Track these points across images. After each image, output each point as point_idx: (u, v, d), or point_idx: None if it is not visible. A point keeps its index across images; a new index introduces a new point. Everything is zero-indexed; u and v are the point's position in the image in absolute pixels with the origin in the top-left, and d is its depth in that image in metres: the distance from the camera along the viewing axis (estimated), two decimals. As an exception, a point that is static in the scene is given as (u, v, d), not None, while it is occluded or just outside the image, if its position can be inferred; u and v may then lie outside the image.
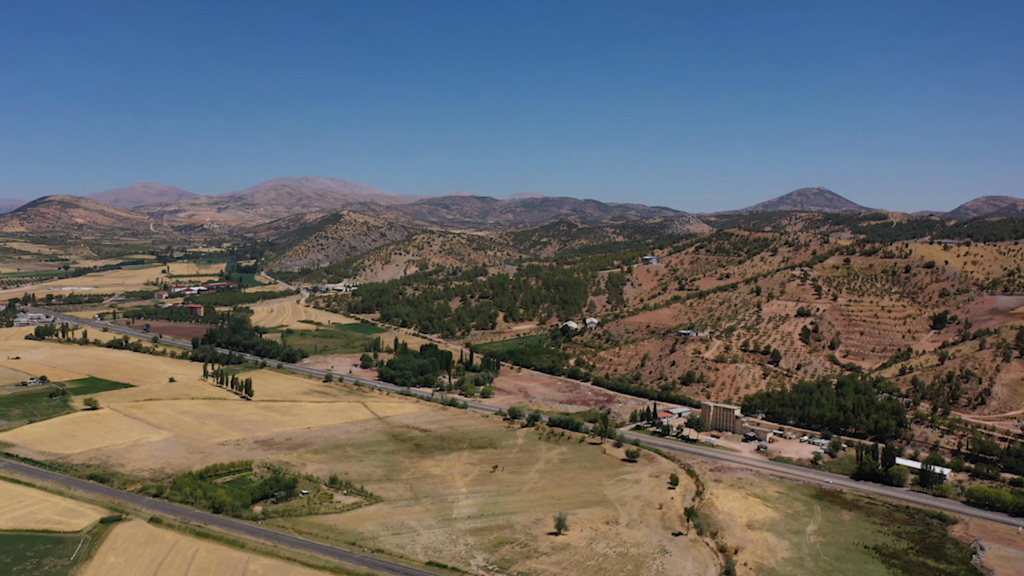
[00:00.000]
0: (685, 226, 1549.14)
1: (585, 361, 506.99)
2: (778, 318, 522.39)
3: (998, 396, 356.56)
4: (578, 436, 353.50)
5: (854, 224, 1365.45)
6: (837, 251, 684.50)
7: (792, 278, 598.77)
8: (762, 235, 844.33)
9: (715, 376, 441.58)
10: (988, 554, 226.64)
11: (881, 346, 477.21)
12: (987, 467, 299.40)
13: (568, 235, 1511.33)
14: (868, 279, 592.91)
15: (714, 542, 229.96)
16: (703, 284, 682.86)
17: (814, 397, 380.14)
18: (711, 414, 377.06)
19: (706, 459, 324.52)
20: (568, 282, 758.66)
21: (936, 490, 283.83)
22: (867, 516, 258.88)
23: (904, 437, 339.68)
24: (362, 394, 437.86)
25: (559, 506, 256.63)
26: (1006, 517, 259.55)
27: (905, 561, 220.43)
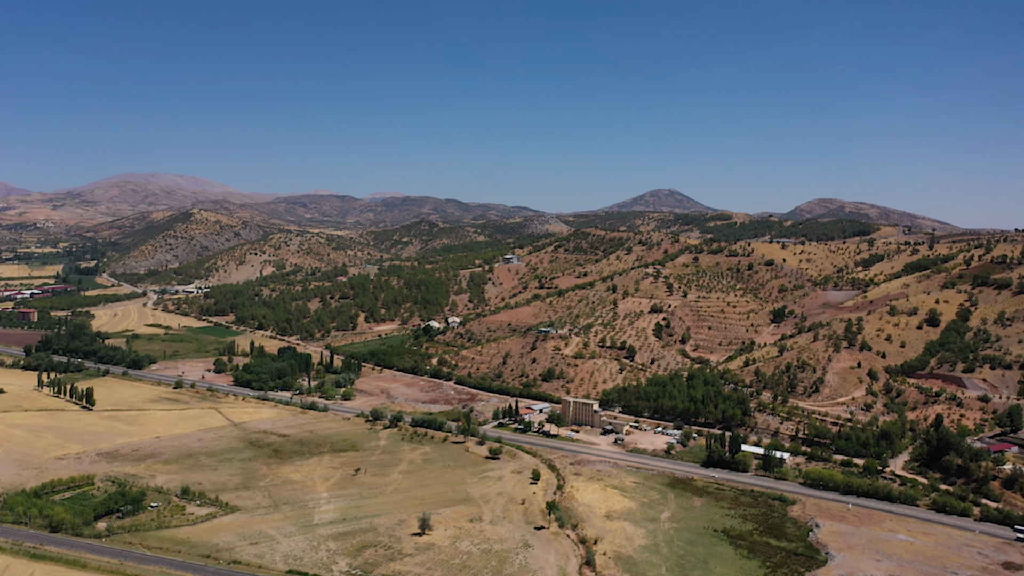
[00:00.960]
0: (544, 226, 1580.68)
1: (448, 360, 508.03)
2: (633, 314, 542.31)
3: (830, 384, 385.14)
4: (441, 435, 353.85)
5: (702, 224, 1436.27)
6: (687, 250, 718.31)
7: (646, 276, 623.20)
8: (617, 235, 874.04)
9: (574, 372, 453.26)
10: (823, 530, 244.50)
11: (727, 339, 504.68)
12: (821, 450, 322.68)
13: (430, 235, 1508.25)
14: (715, 276, 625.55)
15: (575, 534, 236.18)
16: (562, 282, 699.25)
17: (667, 390, 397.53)
18: (571, 409, 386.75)
19: (567, 453, 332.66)
20: (430, 282, 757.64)
21: (777, 473, 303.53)
22: (716, 501, 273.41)
23: (749, 425, 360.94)
24: (216, 400, 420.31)
25: (423, 506, 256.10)
26: (838, 495, 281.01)
27: (750, 541, 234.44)
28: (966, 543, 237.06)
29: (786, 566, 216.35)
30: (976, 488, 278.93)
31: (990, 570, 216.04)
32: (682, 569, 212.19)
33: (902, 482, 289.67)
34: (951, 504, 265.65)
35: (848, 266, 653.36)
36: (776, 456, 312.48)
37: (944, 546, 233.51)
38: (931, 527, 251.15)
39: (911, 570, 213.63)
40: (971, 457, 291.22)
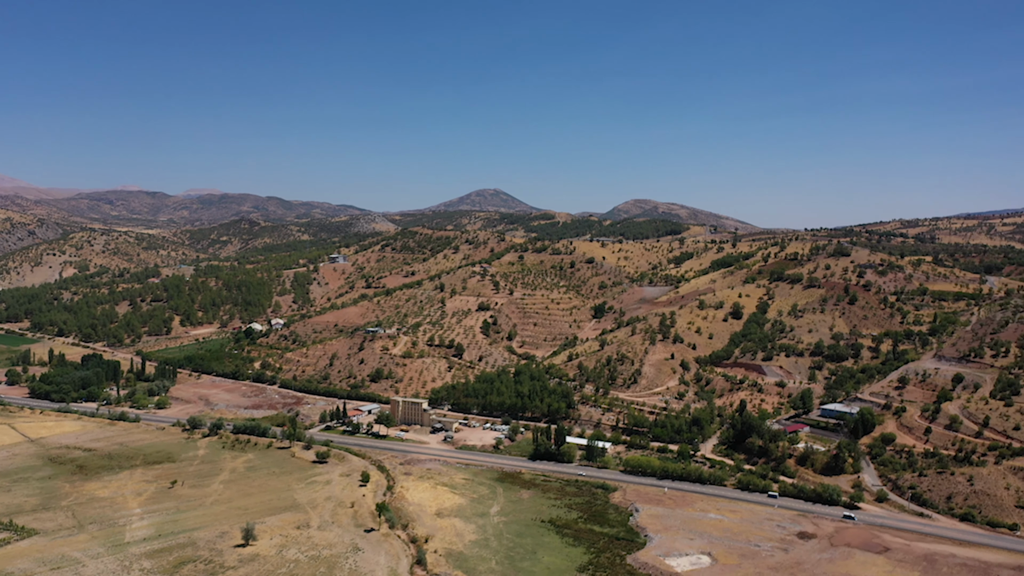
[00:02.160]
0: (371, 224, 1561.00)
1: (271, 364, 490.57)
2: (461, 313, 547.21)
3: (647, 375, 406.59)
4: (266, 442, 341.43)
5: (527, 223, 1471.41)
6: (513, 249, 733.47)
7: (473, 274, 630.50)
8: (445, 234, 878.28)
9: (403, 371, 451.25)
10: (642, 514, 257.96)
11: (552, 335, 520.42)
12: (640, 438, 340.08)
13: (250, 233, 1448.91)
14: (540, 274, 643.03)
15: (405, 534, 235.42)
16: (390, 282, 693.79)
17: (495, 386, 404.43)
18: (400, 409, 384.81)
19: (396, 453, 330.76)
20: (251, 282, 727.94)
21: (600, 463, 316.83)
22: (543, 493, 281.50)
23: (573, 417, 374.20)
24: (9, 415, 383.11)
25: (247, 516, 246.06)
26: (655, 480, 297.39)
27: (576, 529, 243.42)
28: (767, 517, 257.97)
29: (609, 550, 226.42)
30: (775, 466, 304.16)
31: (787, 540, 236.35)
32: (511, 561, 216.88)
33: (712, 464, 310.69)
34: (754, 482, 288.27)
35: (662, 263, 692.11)
36: (599, 446, 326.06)
37: (748, 521, 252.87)
38: (737, 505, 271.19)
39: (720, 546, 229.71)
40: (770, 438, 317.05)
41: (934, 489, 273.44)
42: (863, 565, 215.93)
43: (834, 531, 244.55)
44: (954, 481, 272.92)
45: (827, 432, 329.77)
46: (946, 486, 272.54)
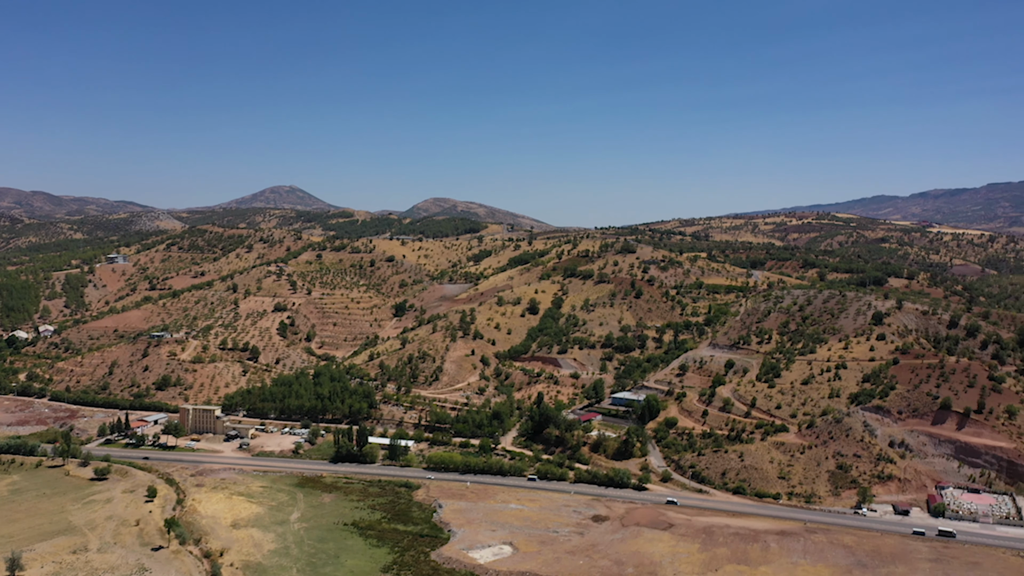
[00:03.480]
0: (155, 222, 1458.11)
1: (40, 375, 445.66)
2: (256, 314, 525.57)
3: (448, 372, 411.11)
4: (34, 461, 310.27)
5: (324, 221, 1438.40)
6: (310, 247, 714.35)
7: (268, 274, 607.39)
8: (237, 232, 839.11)
9: (193, 378, 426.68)
10: (446, 510, 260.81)
11: (352, 335, 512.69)
12: (442, 434, 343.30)
13: (12, 232, 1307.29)
14: (339, 273, 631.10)
15: (198, 549, 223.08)
16: (177, 283, 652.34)
17: (293, 389, 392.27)
18: (191, 417, 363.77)
19: (187, 465, 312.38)
20: (14, 285, 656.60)
21: (403, 461, 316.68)
22: (346, 495, 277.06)
23: (376, 417, 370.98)
24: None
25: (12, 544, 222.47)
26: (457, 476, 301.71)
27: (380, 530, 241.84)
28: (564, 504, 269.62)
29: (413, 548, 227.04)
30: (571, 455, 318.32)
31: (583, 524, 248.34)
32: (313, 568, 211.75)
33: (512, 456, 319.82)
34: (552, 471, 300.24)
35: (461, 261, 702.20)
36: (401, 445, 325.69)
37: (547, 509, 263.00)
38: (536, 494, 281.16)
39: (520, 535, 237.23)
40: (566, 428, 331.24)
41: (711, 467, 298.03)
42: (650, 541, 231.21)
43: (625, 512, 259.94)
44: (728, 458, 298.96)
45: (618, 419, 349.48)
46: (721, 463, 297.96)
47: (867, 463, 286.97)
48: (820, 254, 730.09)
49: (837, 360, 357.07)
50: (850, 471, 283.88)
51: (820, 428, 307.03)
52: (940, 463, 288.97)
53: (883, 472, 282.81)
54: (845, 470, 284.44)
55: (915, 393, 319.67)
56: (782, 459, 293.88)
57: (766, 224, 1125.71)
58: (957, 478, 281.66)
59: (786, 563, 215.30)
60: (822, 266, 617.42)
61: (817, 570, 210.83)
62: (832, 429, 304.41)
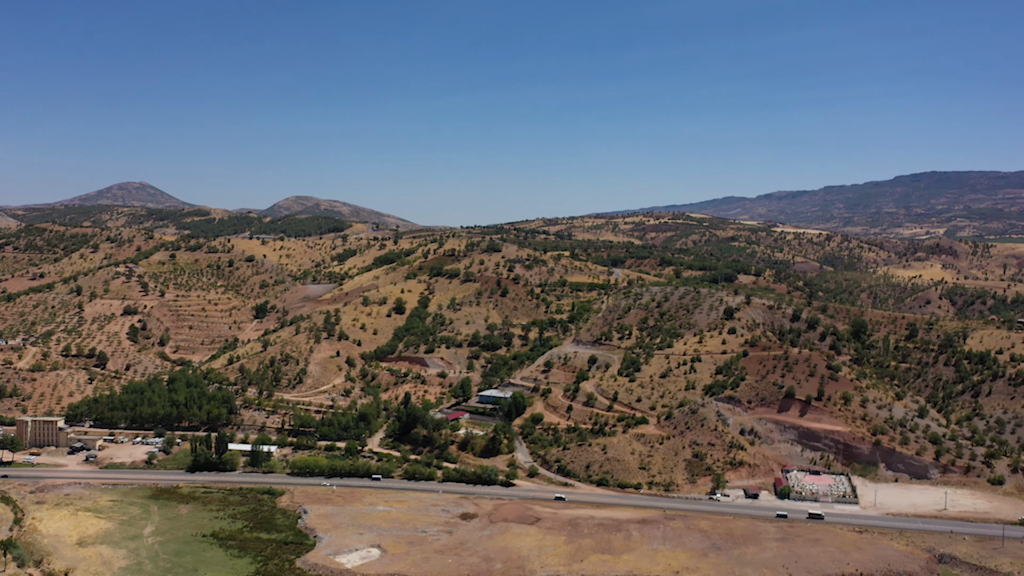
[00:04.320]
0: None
1: None
2: (103, 318, 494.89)
3: (313, 374, 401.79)
4: None
5: (179, 220, 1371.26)
6: (163, 247, 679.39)
7: (117, 275, 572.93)
8: (81, 231, 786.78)
9: (32, 387, 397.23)
10: (311, 515, 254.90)
11: (210, 338, 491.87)
12: (307, 438, 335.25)
13: None
14: (195, 274, 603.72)
15: (39, 571, 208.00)
16: (12, 285, 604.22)
17: (146, 396, 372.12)
18: (29, 430, 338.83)
19: (26, 481, 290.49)
20: None
21: (265, 467, 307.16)
22: (204, 505, 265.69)
23: (236, 423, 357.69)
24: None
25: None
26: (323, 480, 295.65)
27: (241, 540, 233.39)
28: (433, 503, 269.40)
29: (277, 556, 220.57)
30: (439, 454, 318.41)
31: (451, 523, 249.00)
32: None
33: (379, 458, 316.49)
34: (420, 471, 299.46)
35: (325, 261, 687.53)
36: (264, 451, 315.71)
37: (416, 509, 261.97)
38: (405, 495, 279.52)
39: (389, 536, 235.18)
40: (434, 427, 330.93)
41: (576, 460, 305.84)
42: (518, 536, 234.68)
43: (493, 509, 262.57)
44: (591, 451, 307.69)
45: (485, 417, 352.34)
46: (585, 456, 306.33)
47: (720, 451, 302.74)
48: (676, 252, 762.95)
49: (693, 354, 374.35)
50: (705, 459, 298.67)
51: (677, 419, 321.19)
52: (785, 448, 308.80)
53: (735, 459, 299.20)
54: (701, 458, 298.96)
55: (763, 383, 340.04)
56: (643, 450, 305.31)
57: (626, 224, 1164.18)
58: (800, 461, 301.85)
59: (647, 550, 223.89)
60: (678, 264, 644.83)
61: (676, 555, 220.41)
62: (688, 420, 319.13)
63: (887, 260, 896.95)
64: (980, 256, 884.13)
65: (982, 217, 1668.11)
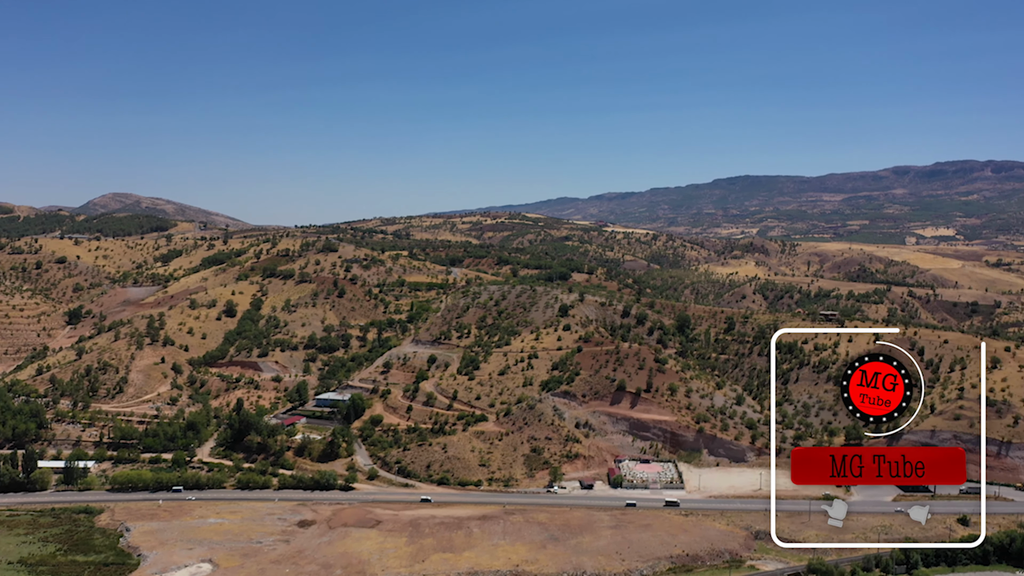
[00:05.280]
0: None
1: None
2: None
3: (135, 383, 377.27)
4: None
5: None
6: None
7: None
8: None
9: None
10: (134, 533, 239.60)
11: (15, 347, 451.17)
12: (129, 451, 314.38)
13: None
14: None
15: None
16: None
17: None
18: None
19: None
20: None
21: (82, 485, 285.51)
22: (10, 530, 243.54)
23: (47, 439, 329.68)
24: None
25: None
26: (148, 495, 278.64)
27: (54, 564, 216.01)
28: (268, 512, 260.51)
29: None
30: (274, 461, 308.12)
31: (288, 531, 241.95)
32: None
33: (210, 468, 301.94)
34: (254, 480, 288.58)
35: (148, 262, 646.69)
36: (79, 467, 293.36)
37: (250, 520, 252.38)
38: (238, 505, 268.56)
39: (221, 550, 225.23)
40: (268, 433, 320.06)
41: (416, 460, 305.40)
42: (359, 540, 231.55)
43: (332, 514, 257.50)
44: (432, 451, 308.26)
45: (323, 421, 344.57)
46: (426, 456, 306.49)
47: (557, 444, 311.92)
48: (513, 252, 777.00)
49: (530, 351, 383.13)
50: (543, 453, 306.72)
51: (516, 415, 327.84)
52: (618, 439, 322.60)
53: (571, 451, 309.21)
54: (538, 453, 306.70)
55: (596, 377, 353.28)
56: (482, 447, 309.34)
57: (463, 223, 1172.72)
58: (632, 451, 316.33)
59: (488, 545, 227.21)
60: (515, 263, 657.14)
61: (516, 548, 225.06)
62: (526, 415, 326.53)
63: (708, 258, 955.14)
64: (788, 254, 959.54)
65: (789, 218, 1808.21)
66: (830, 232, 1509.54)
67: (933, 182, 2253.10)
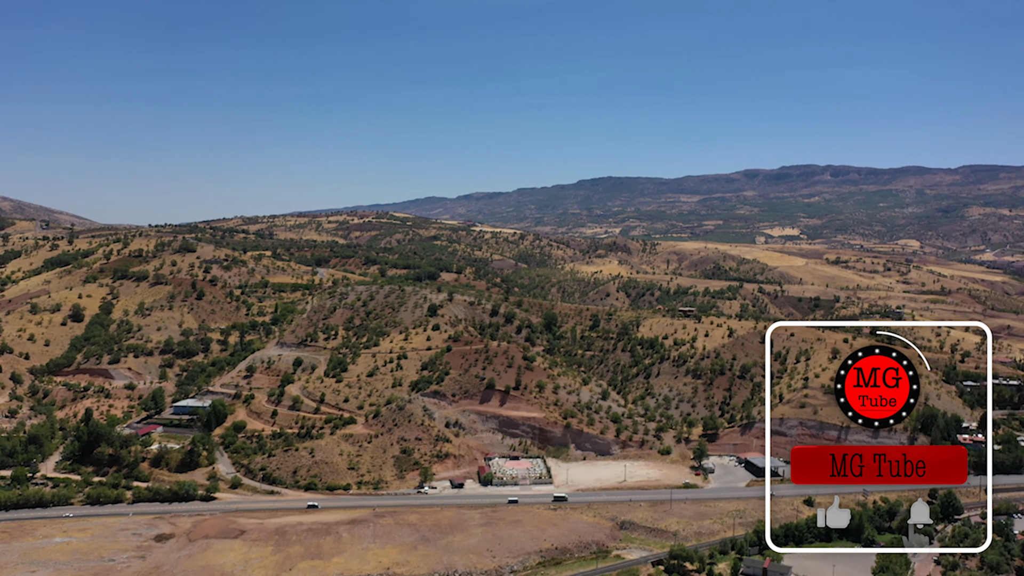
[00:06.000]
0: None
1: None
2: None
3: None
4: None
5: None
6: None
7: None
8: None
9: None
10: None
11: None
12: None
13: None
14: None
15: None
16: None
17: None
18: None
19: None
20: None
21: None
22: None
23: None
24: None
25: None
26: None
27: None
28: (122, 528, 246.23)
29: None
30: (128, 473, 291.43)
31: (144, 546, 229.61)
32: None
33: (55, 484, 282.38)
34: (105, 494, 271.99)
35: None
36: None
37: (102, 537, 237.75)
38: (87, 522, 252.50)
39: (68, 570, 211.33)
40: (121, 444, 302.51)
41: (282, 467, 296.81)
42: (221, 552, 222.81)
43: (192, 526, 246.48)
44: (299, 456, 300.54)
45: (182, 429, 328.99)
46: (292, 462, 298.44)
47: (427, 445, 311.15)
48: (381, 251, 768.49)
49: (399, 351, 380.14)
50: (413, 454, 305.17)
51: (385, 417, 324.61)
52: (488, 437, 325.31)
53: (441, 451, 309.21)
54: (409, 454, 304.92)
55: (466, 376, 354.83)
56: (351, 450, 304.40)
57: (330, 223, 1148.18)
58: (501, 448, 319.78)
59: (357, 550, 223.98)
60: (383, 263, 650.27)
61: (386, 551, 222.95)
62: (396, 416, 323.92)
63: (573, 257, 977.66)
64: (649, 253, 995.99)
65: (650, 218, 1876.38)
66: (687, 232, 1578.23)
67: (780, 185, 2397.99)
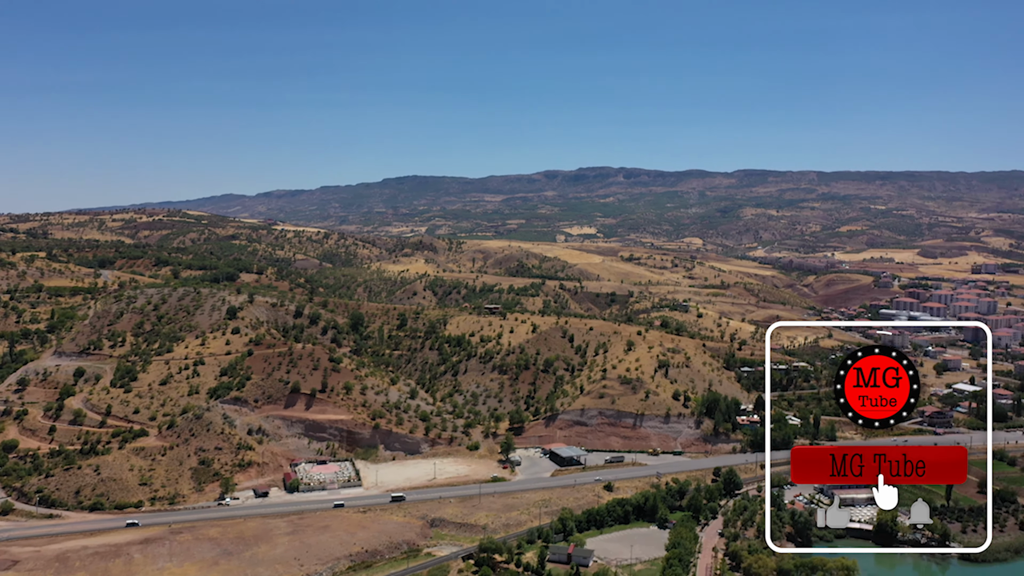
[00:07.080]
0: None
1: None
2: None
3: None
4: None
5: None
6: None
7: None
8: None
9: None
10: None
11: None
12: None
13: None
14: None
15: None
16: None
17: None
18: None
19: None
20: None
21: None
22: None
23: None
24: None
25: None
26: None
27: None
28: None
29: None
30: None
31: None
32: None
33: None
34: None
35: None
36: None
37: None
38: None
39: None
40: None
41: (63, 487, 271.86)
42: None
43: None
44: (82, 475, 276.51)
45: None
46: (75, 481, 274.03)
47: (228, 454, 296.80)
48: (173, 251, 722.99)
49: (195, 357, 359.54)
50: (212, 464, 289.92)
51: (181, 427, 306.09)
52: (294, 442, 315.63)
53: (243, 460, 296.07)
54: (208, 464, 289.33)
55: (269, 381, 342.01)
56: (143, 465, 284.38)
57: (114, 221, 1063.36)
58: (308, 453, 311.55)
59: (152, 571, 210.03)
60: (176, 264, 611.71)
61: (184, 569, 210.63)
62: (193, 426, 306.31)
63: (379, 256, 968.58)
64: (455, 251, 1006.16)
65: (455, 217, 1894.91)
66: (492, 230, 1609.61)
67: (578, 186, 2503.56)
